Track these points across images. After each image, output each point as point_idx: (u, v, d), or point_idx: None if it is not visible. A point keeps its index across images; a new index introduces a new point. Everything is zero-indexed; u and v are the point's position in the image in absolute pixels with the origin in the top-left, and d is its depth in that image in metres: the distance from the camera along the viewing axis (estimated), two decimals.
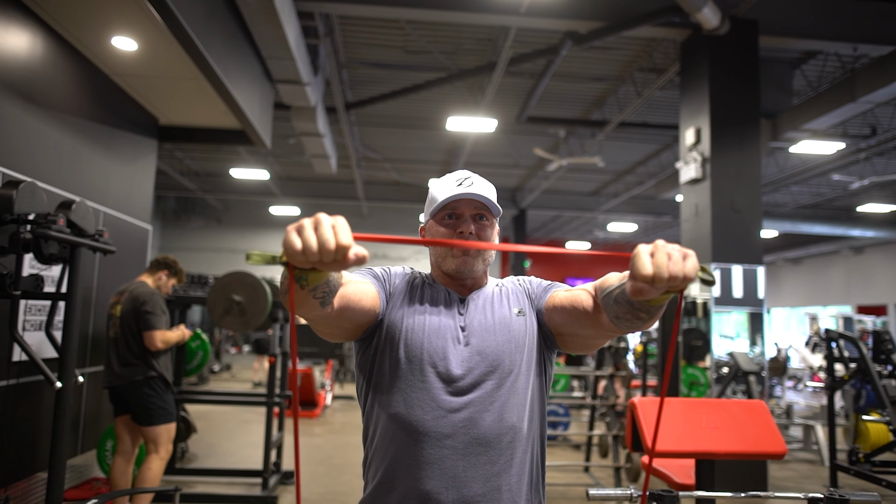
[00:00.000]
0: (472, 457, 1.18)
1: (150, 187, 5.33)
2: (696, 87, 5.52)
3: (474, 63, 7.29)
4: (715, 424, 2.50)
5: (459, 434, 1.19)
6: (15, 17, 3.45)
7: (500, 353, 1.25)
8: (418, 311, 1.29)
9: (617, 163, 11.36)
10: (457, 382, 1.22)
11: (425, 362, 1.23)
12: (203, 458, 5.69)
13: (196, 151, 11.22)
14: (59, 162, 3.90)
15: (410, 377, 1.23)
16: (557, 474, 5.48)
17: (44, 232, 2.49)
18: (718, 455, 2.41)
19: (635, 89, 7.60)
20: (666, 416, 2.54)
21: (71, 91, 4.07)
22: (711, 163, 5.24)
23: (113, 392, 3.60)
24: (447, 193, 1.30)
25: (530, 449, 1.26)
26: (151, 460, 3.57)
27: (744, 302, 5.37)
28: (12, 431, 3.30)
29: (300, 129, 7.42)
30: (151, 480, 3.54)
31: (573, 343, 1.31)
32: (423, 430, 1.19)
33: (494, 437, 1.20)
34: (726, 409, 2.56)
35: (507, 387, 1.24)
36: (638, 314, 1.02)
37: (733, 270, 5.19)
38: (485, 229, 1.33)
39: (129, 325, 3.54)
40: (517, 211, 14.41)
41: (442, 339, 1.25)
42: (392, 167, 12.17)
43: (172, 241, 15.69)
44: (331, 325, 1.17)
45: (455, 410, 1.20)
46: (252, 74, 5.18)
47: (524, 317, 1.32)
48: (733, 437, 2.45)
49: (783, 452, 2.39)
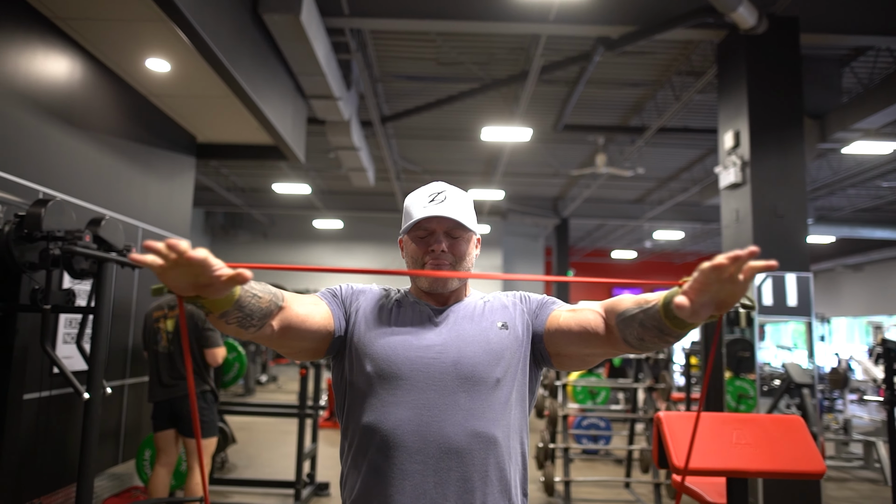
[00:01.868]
0: (444, 471, 1.15)
1: (188, 203, 5.47)
2: (734, 88, 5.34)
3: (507, 72, 7.26)
4: (746, 441, 2.37)
5: (431, 447, 1.16)
6: (55, 43, 3.60)
7: (475, 364, 1.22)
8: (390, 328, 1.27)
9: (660, 169, 11.11)
10: (427, 394, 1.19)
11: (394, 376, 1.21)
12: (242, 468, 5.78)
13: (240, 168, 11.51)
14: (98, 180, 4.04)
15: (382, 392, 1.21)
16: (597, 490, 5.34)
17: (70, 248, 2.57)
18: (750, 473, 2.29)
19: (674, 93, 7.42)
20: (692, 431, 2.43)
21: (109, 112, 4.22)
22: (752, 166, 5.04)
23: (160, 406, 3.67)
24: (418, 212, 1.28)
25: (507, 462, 1.21)
26: (194, 474, 3.64)
27: (797, 311, 5.12)
28: (53, 441, 3.41)
29: (335, 143, 7.52)
30: (200, 492, 3.61)
31: (571, 362, 1.30)
32: (394, 443, 1.17)
33: (467, 450, 1.16)
34: (759, 425, 2.43)
35: (482, 399, 1.21)
36: (666, 338, 1.06)
37: (787, 279, 4.98)
38: (458, 245, 1.31)
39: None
40: (559, 220, 14.24)
41: (413, 353, 1.23)
42: (431, 179, 12.15)
43: (221, 256, 15.74)
44: (279, 345, 1.21)
45: (426, 423, 1.17)
46: (283, 90, 5.27)
47: (507, 330, 1.29)
48: (766, 454, 2.33)
49: (821, 472, 2.25)
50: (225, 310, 1.02)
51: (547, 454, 4.89)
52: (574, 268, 20.14)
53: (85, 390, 2.67)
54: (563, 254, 14.78)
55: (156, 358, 3.66)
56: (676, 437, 2.38)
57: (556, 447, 4.82)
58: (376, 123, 8.04)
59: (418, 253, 1.30)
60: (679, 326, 1.01)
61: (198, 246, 0.87)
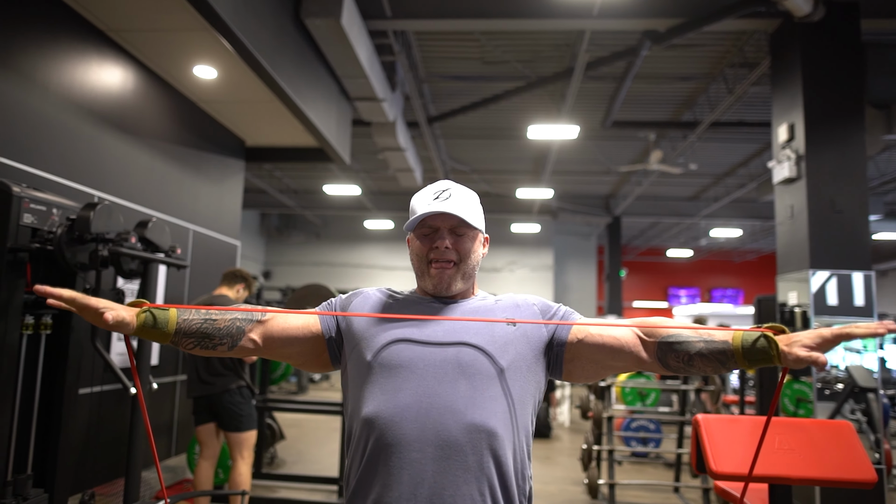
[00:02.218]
0: (442, 460, 1.14)
1: (237, 205, 5.64)
2: (788, 80, 5.12)
3: (553, 70, 7.18)
4: (790, 446, 2.29)
5: (430, 438, 1.15)
6: (109, 54, 3.78)
7: (476, 355, 1.22)
8: (390, 323, 1.28)
9: (715, 165, 10.77)
10: (429, 383, 1.19)
11: (396, 365, 1.22)
12: (291, 464, 5.91)
13: (292, 170, 11.77)
14: (150, 184, 4.21)
15: (382, 380, 1.22)
16: (645, 493, 5.22)
17: (116, 249, 2.69)
18: (793, 480, 2.20)
19: (727, 86, 7.17)
20: (734, 436, 2.36)
21: (161, 119, 4.39)
22: (807, 160, 4.82)
23: (199, 401, 3.80)
24: (423, 209, 1.28)
25: (507, 455, 1.19)
26: (239, 465, 3.75)
27: (863, 311, 4.87)
28: (108, 434, 3.58)
29: (381, 144, 7.61)
30: (243, 484, 3.73)
31: (583, 371, 1.31)
32: (393, 435, 1.17)
33: (466, 441, 1.16)
34: (804, 430, 2.34)
35: (483, 390, 1.20)
36: (723, 371, 1.20)
37: (854, 278, 4.74)
38: (463, 242, 1.31)
39: None
40: (611, 219, 13.98)
41: (415, 346, 1.23)
42: (480, 178, 12.19)
43: (276, 257, 16.53)
44: (271, 355, 1.32)
45: (425, 414, 1.17)
46: (327, 93, 5.37)
47: (513, 327, 1.28)
48: (811, 460, 2.23)
49: (871, 480, 2.14)
50: (166, 341, 1.18)
51: (591, 456, 4.81)
52: (627, 267, 19.74)
53: (132, 385, 2.78)
54: (615, 252, 14.51)
55: (193, 356, 3.80)
56: (714, 441, 2.31)
57: (601, 449, 4.74)
58: (423, 124, 8.09)
59: (423, 250, 1.31)
60: (752, 366, 1.13)
61: (253, 247, 0.94)
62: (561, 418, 8.79)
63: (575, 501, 4.91)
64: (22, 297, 2.68)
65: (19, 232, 2.65)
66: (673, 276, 20.65)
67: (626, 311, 19.67)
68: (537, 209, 13.48)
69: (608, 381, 4.85)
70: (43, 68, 3.22)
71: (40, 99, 3.20)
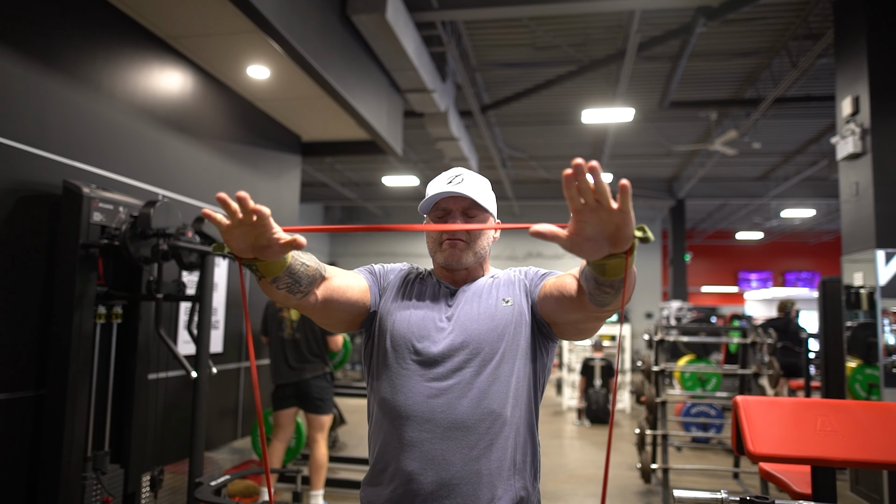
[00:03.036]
0: (450, 440, 1.23)
1: (295, 199, 5.86)
2: (853, 50, 4.87)
3: (605, 52, 7.06)
4: (833, 428, 2.25)
5: (438, 418, 1.24)
6: (168, 59, 4.01)
7: (480, 341, 1.29)
8: (407, 304, 1.37)
9: (784, 143, 10.31)
10: (436, 369, 1.27)
11: (407, 350, 1.30)
12: (352, 447, 6.14)
13: (352, 163, 12.04)
14: (210, 182, 4.45)
15: (395, 365, 1.30)
16: (703, 479, 5.15)
17: (174, 243, 2.89)
18: (835, 462, 2.17)
19: (791, 60, 6.86)
20: (773, 417, 2.35)
21: (219, 119, 4.62)
22: (872, 134, 4.58)
23: (285, 388, 4.05)
24: (436, 192, 1.35)
25: (513, 434, 1.27)
26: (321, 445, 4.04)
27: None
28: (176, 417, 3.84)
29: (434, 134, 7.70)
30: (324, 461, 4.03)
31: (566, 330, 1.31)
32: (405, 414, 1.26)
33: (473, 421, 1.23)
34: (848, 412, 2.29)
35: (488, 373, 1.27)
36: (604, 289, 1.03)
37: None
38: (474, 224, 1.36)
39: (311, 328, 4.00)
40: (674, 202, 13.61)
41: (425, 329, 1.32)
42: (539, 165, 12.12)
43: (341, 248, 16.98)
44: (319, 315, 1.31)
45: (434, 396, 1.25)
46: (377, 87, 5.49)
47: (511, 306, 1.35)
48: (855, 442, 2.19)
49: None
50: (276, 275, 1.10)
51: (644, 440, 4.77)
52: (693, 251, 19.16)
53: (193, 369, 2.99)
54: (679, 236, 14.13)
55: (281, 344, 4.05)
56: (753, 422, 2.30)
57: (655, 434, 4.70)
58: (476, 112, 8.12)
59: (436, 232, 1.38)
60: (601, 273, 0.97)
61: (318, 239, 0.98)
62: (621, 405, 8.70)
63: (629, 486, 4.89)
64: (95, 290, 2.93)
65: (90, 229, 2.89)
66: (743, 260, 19.90)
67: (693, 297, 19.11)
68: None
69: (662, 366, 4.80)
70: (109, 77, 3.47)
71: (107, 105, 3.45)
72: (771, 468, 2.72)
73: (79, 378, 2.81)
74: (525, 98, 8.06)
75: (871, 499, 4.51)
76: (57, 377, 2.78)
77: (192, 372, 2.99)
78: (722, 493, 2.00)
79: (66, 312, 2.79)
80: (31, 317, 2.87)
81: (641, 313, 16.44)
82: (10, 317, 2.77)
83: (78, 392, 2.81)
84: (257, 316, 4.64)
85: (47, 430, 2.77)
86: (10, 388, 2.76)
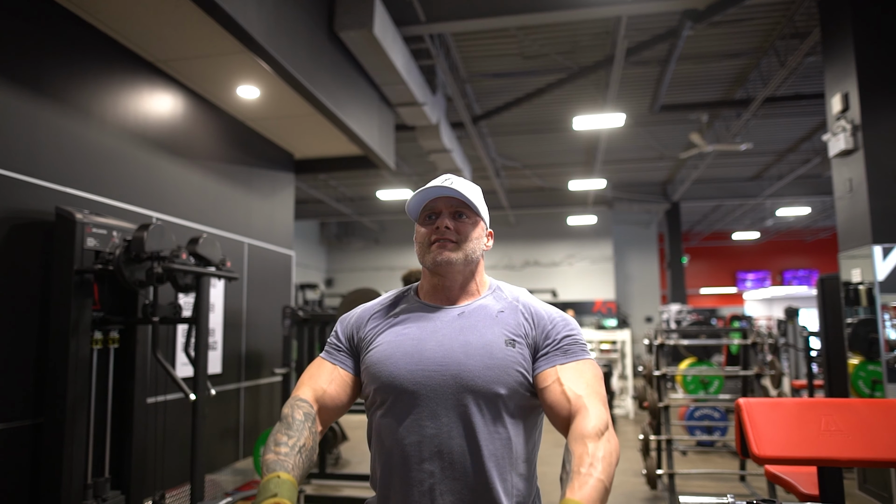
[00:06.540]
0: (448, 481, 1.19)
1: (290, 217, 5.85)
2: (840, 47, 4.90)
3: (593, 59, 7.10)
4: (837, 427, 2.23)
5: (434, 458, 1.20)
6: (157, 82, 4.02)
7: (475, 378, 1.22)
8: (392, 339, 1.30)
9: (775, 142, 10.36)
10: (432, 407, 1.22)
11: (399, 391, 1.24)
12: (355, 464, 6.08)
13: (345, 178, 12.04)
14: (204, 202, 4.44)
15: (389, 404, 1.26)
16: (709, 483, 5.11)
17: (169, 266, 2.88)
18: (841, 462, 2.16)
19: (779, 60, 6.90)
20: (777, 418, 2.33)
21: (210, 139, 4.62)
22: (863, 130, 4.60)
23: None
24: (425, 189, 1.33)
25: (512, 472, 1.22)
26: None
27: None
28: (175, 440, 3.81)
29: (427, 147, 7.71)
30: None
31: None
32: (400, 454, 1.22)
33: (470, 461, 1.19)
34: (852, 411, 2.28)
35: (483, 412, 1.22)
36: None
37: None
38: (465, 226, 1.32)
39: None
40: (669, 205, 13.64)
41: (414, 366, 1.25)
42: (532, 173, 12.14)
43: (337, 264, 16.94)
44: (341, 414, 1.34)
45: (430, 436, 1.21)
46: (367, 102, 5.50)
47: (513, 348, 1.26)
48: (861, 441, 2.18)
49: None
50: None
51: (648, 446, 4.75)
52: (690, 253, 19.18)
53: (191, 392, 2.97)
54: (675, 239, 14.14)
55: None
56: (757, 425, 2.29)
57: (659, 439, 4.67)
58: (468, 124, 8.14)
59: (425, 235, 1.33)
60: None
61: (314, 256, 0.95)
62: (622, 411, 8.67)
63: (636, 493, 4.85)
64: (91, 315, 2.91)
65: (84, 255, 2.88)
66: (740, 260, 19.91)
67: (692, 299, 19.11)
68: (592, 200, 13.30)
69: (663, 370, 4.78)
70: (99, 102, 3.47)
71: (97, 131, 3.45)
72: (777, 470, 2.71)
73: (77, 405, 2.79)
74: (516, 107, 8.09)
75: (880, 497, 4.49)
76: (55, 405, 2.75)
77: (190, 394, 2.96)
78: (728, 497, 1.98)
79: (63, 339, 2.77)
80: (27, 345, 2.85)
81: (641, 317, 16.43)
82: (6, 346, 2.75)
83: (76, 419, 2.78)
84: (256, 335, 4.62)
85: (46, 458, 2.75)
86: (8, 417, 2.74)
